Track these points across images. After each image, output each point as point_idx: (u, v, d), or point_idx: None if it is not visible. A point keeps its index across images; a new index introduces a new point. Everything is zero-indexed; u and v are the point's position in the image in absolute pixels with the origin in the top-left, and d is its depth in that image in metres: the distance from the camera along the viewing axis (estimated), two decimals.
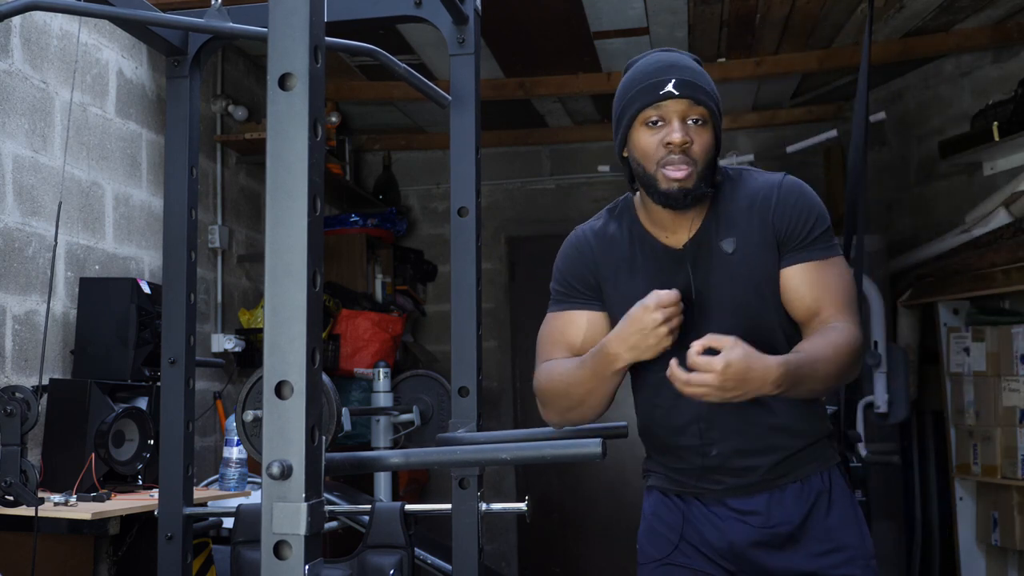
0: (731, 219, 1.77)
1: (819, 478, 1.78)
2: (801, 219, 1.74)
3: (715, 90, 1.76)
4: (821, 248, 1.74)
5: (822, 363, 1.62)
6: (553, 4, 3.75)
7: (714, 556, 1.80)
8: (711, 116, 1.71)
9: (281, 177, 0.84)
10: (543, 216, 5.62)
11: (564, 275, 1.90)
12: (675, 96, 1.68)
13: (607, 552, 5.39)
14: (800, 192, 1.77)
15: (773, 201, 1.75)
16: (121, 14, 1.54)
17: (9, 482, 1.76)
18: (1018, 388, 3.82)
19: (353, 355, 4.44)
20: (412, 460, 1.36)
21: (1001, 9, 3.90)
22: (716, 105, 1.73)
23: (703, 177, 1.70)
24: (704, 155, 1.70)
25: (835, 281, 1.74)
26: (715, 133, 1.73)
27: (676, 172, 1.67)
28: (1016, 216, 3.85)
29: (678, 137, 1.66)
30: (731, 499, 1.78)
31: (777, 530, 1.76)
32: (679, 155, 1.67)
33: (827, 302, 1.72)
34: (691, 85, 1.70)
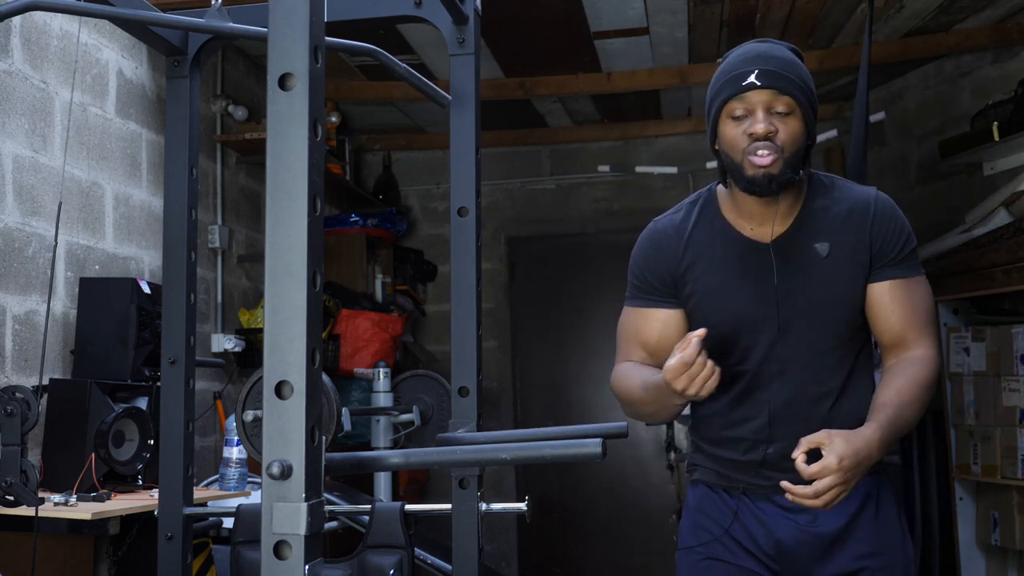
0: (826, 222, 1.78)
1: (868, 481, 1.79)
2: (895, 235, 1.78)
3: (806, 79, 1.74)
4: (910, 266, 1.78)
5: (909, 407, 1.68)
6: (553, 4, 3.75)
7: (760, 555, 1.80)
8: (798, 105, 1.70)
9: (281, 177, 0.84)
10: (543, 216, 5.62)
11: (642, 271, 1.90)
12: (757, 87, 1.69)
13: (607, 552, 5.39)
14: (895, 208, 1.82)
15: (871, 213, 1.78)
16: (121, 14, 1.54)
17: (9, 482, 1.76)
18: (1018, 388, 3.82)
19: (353, 355, 4.44)
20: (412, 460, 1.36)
21: (1001, 9, 3.90)
22: (806, 96, 1.72)
23: (790, 164, 1.70)
24: (791, 143, 1.70)
25: (920, 301, 1.78)
26: (805, 123, 1.72)
27: (761, 159, 1.68)
28: (1016, 216, 3.84)
29: (761, 128, 1.68)
30: (780, 496, 1.76)
31: (823, 530, 1.76)
32: (766, 142, 1.68)
33: (912, 324, 1.76)
34: (774, 75, 1.69)
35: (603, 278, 5.38)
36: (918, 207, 4.77)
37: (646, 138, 5.41)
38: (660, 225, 1.91)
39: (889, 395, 1.68)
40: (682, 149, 5.36)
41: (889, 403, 1.66)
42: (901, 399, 1.67)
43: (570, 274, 5.58)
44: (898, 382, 1.70)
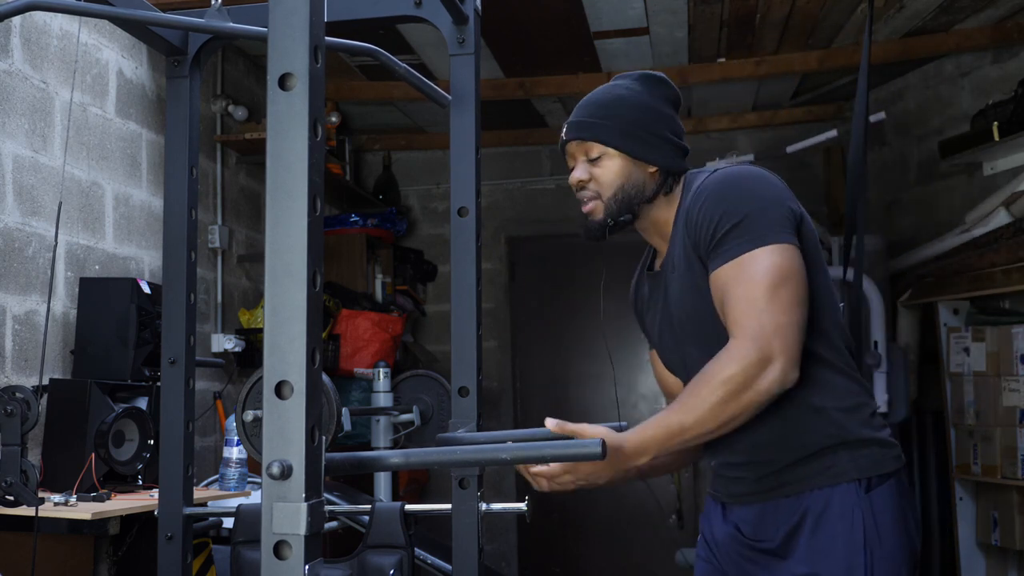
0: (676, 235, 1.76)
1: (814, 495, 1.66)
2: (705, 221, 1.64)
3: (621, 112, 1.74)
4: (728, 248, 1.60)
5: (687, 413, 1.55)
6: (553, 4, 3.75)
7: (717, 557, 1.85)
8: (608, 146, 1.74)
9: (281, 177, 0.84)
10: (543, 216, 5.62)
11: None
12: (565, 141, 1.80)
13: (607, 552, 5.39)
14: (712, 189, 1.66)
15: (687, 208, 1.72)
16: (121, 14, 1.54)
17: (9, 482, 1.76)
18: (1018, 388, 3.82)
19: (353, 355, 4.44)
20: (412, 460, 1.36)
21: (1001, 9, 3.90)
22: (616, 131, 1.73)
23: (614, 208, 1.74)
24: (608, 186, 1.74)
25: (737, 288, 1.58)
26: (625, 158, 1.73)
27: (584, 207, 1.78)
28: (1016, 216, 3.84)
29: (573, 178, 1.78)
30: (733, 505, 1.81)
31: (759, 544, 1.73)
32: (583, 191, 1.77)
33: (730, 316, 1.60)
34: (576, 125, 1.77)
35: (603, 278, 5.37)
36: (918, 207, 4.78)
37: None
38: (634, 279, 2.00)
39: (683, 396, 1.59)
40: None
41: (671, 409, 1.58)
42: (682, 404, 1.57)
43: (570, 274, 5.58)
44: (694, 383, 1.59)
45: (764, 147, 5.15)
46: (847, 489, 1.65)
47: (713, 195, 1.66)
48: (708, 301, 1.67)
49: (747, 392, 1.55)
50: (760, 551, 1.74)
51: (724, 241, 1.61)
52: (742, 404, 1.56)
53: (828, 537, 1.64)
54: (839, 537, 1.64)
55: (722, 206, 1.63)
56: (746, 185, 1.65)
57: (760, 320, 1.55)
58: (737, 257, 1.59)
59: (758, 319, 1.55)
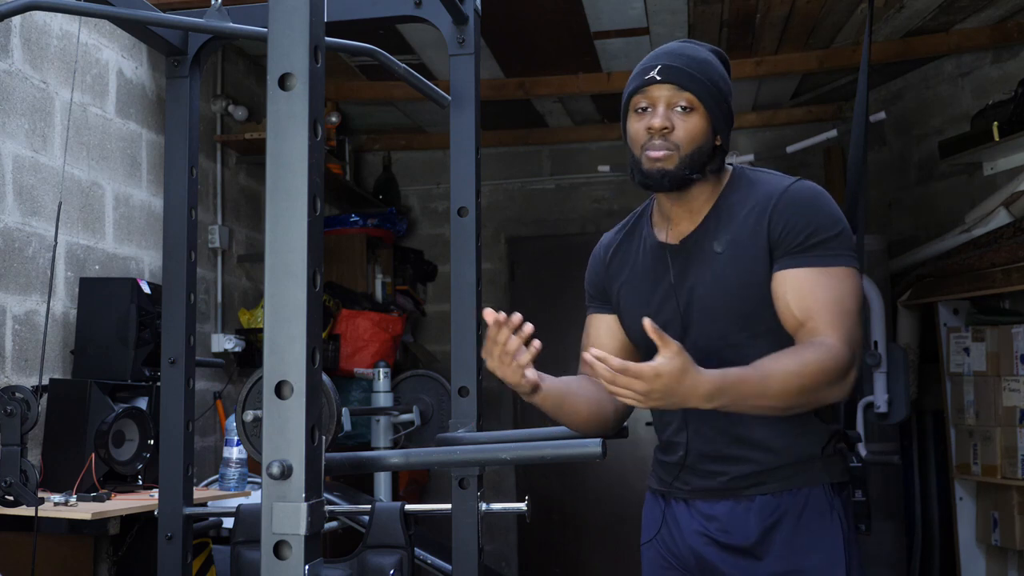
0: (730, 219, 1.73)
1: (793, 494, 1.69)
2: (799, 224, 1.66)
3: (716, 79, 1.71)
4: (819, 256, 1.64)
5: (776, 380, 1.53)
6: (553, 4, 3.75)
7: (678, 559, 1.80)
8: (701, 103, 1.68)
9: (281, 177, 0.85)
10: (543, 216, 5.62)
11: (586, 280, 1.97)
12: (657, 82, 1.69)
13: (607, 552, 5.39)
14: (806, 197, 1.69)
15: (772, 204, 1.69)
16: (121, 14, 1.54)
17: (9, 482, 1.76)
18: (1018, 388, 3.82)
19: (353, 355, 4.44)
20: (412, 460, 1.36)
21: (1001, 9, 3.90)
22: (710, 93, 1.69)
23: (687, 163, 1.68)
24: (689, 141, 1.68)
25: (828, 293, 1.62)
26: (709, 122, 1.70)
27: (655, 153, 1.68)
28: (1016, 216, 3.84)
29: (657, 122, 1.68)
30: (698, 501, 1.76)
31: (733, 542, 1.71)
32: (660, 139, 1.68)
33: (815, 313, 1.61)
34: (676, 71, 1.68)
35: None
36: (918, 207, 4.78)
37: None
38: (602, 238, 1.97)
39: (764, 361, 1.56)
40: None
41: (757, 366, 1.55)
42: (770, 368, 1.54)
43: (570, 274, 5.56)
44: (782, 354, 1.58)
45: (764, 147, 5.15)
46: (821, 491, 1.70)
47: (809, 201, 1.69)
48: (756, 293, 1.68)
49: (828, 389, 1.57)
50: (730, 550, 1.72)
51: (819, 247, 1.65)
52: (817, 397, 1.58)
53: (810, 535, 1.68)
54: (821, 535, 1.68)
55: (820, 215, 1.67)
56: (834, 205, 1.72)
57: (852, 331, 1.61)
58: (832, 266, 1.64)
59: (851, 330, 1.61)
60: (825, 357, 1.56)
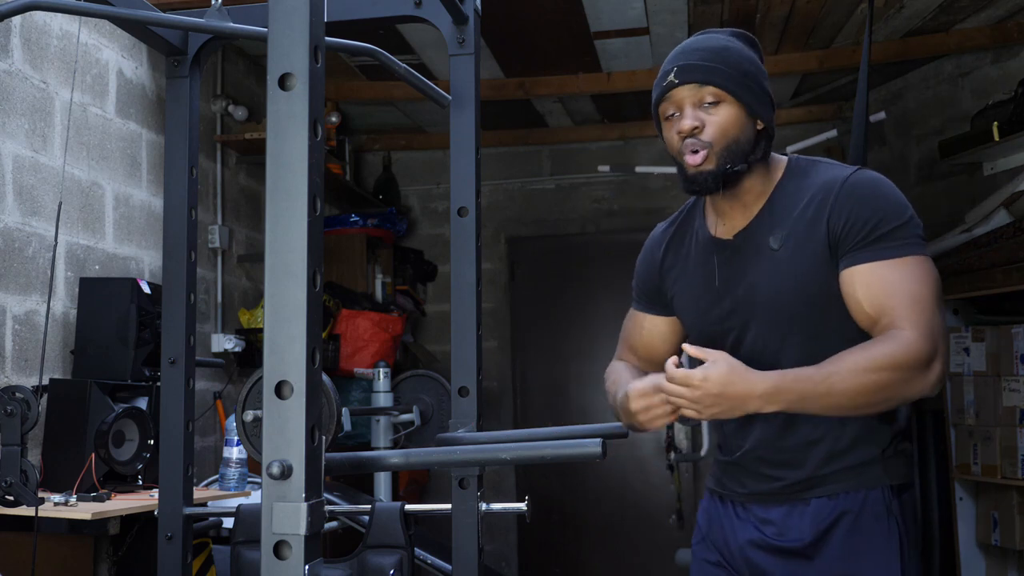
0: (785, 213, 1.67)
1: (850, 497, 1.65)
2: (862, 216, 1.59)
3: (740, 64, 1.66)
4: (887, 247, 1.58)
5: (843, 377, 1.49)
6: (553, 4, 3.75)
7: (729, 562, 1.78)
8: (728, 93, 1.64)
9: (281, 177, 0.85)
10: (543, 216, 5.62)
11: (636, 276, 1.94)
12: (676, 85, 1.66)
13: (607, 552, 5.39)
14: (867, 187, 1.63)
15: (832, 196, 1.62)
16: (121, 14, 1.54)
17: (9, 482, 1.76)
18: (1018, 388, 3.82)
19: (353, 355, 4.44)
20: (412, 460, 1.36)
21: (1001, 9, 3.90)
22: (736, 81, 1.64)
23: (726, 157, 1.64)
24: (722, 135, 1.63)
25: (901, 285, 1.55)
26: (742, 108, 1.64)
27: (692, 158, 1.65)
28: (1016, 216, 3.84)
29: (686, 124, 1.64)
30: (754, 505, 1.74)
31: (787, 544, 1.68)
32: (691, 140, 1.65)
33: (889, 306, 1.54)
34: (692, 68, 1.65)
35: (603, 278, 5.38)
36: (918, 207, 4.76)
37: (646, 138, 5.41)
38: (654, 231, 1.93)
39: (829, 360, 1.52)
40: None
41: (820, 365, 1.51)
42: (833, 366, 1.50)
43: (570, 274, 5.58)
44: (850, 351, 1.53)
45: None
46: (880, 493, 1.66)
47: (871, 192, 1.62)
48: (815, 290, 1.63)
49: (905, 384, 1.52)
50: (781, 551, 1.69)
51: (886, 238, 1.58)
52: (894, 393, 1.52)
53: (865, 538, 1.64)
54: (877, 538, 1.64)
55: (883, 205, 1.61)
56: (899, 193, 1.65)
57: (932, 320, 1.54)
58: (903, 256, 1.57)
59: (930, 319, 1.54)
60: (898, 350, 1.50)
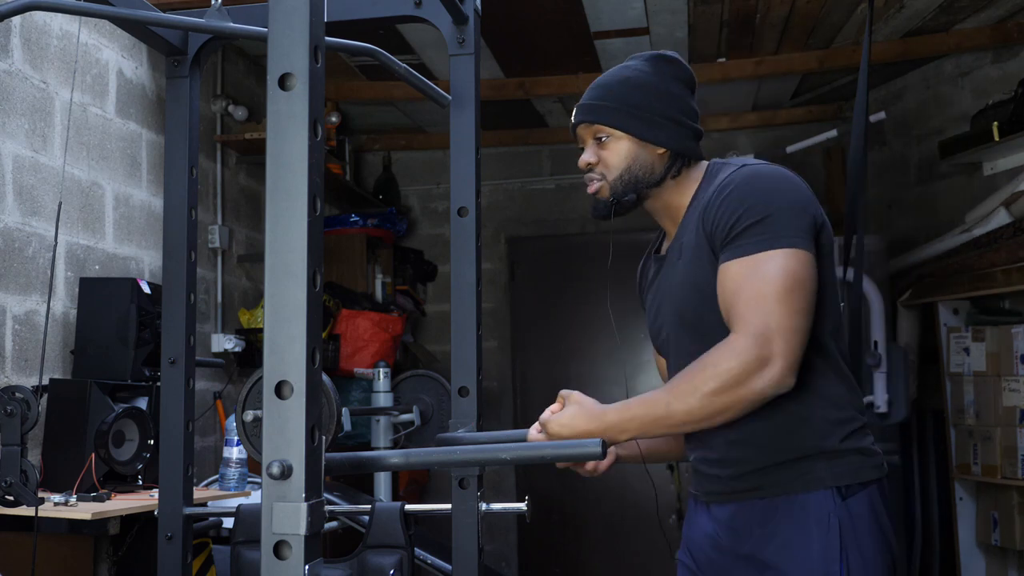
0: (689, 220, 1.74)
1: (788, 500, 1.63)
2: (726, 214, 1.60)
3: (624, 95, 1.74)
4: (743, 244, 1.57)
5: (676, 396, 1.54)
6: (553, 4, 3.75)
7: (696, 561, 1.81)
8: (614, 127, 1.75)
9: (281, 177, 0.84)
10: (543, 216, 5.62)
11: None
12: (576, 124, 1.81)
13: (607, 552, 5.39)
14: (739, 182, 1.62)
15: (710, 196, 1.66)
16: (121, 14, 1.54)
17: (9, 482, 1.76)
18: (1018, 388, 3.82)
19: (353, 355, 4.44)
20: (412, 460, 1.36)
21: (1001, 9, 3.90)
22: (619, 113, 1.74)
23: (620, 187, 1.76)
24: (613, 167, 1.76)
25: (744, 282, 1.55)
26: (630, 139, 1.74)
27: (590, 188, 1.80)
28: (1016, 216, 3.84)
29: (582, 160, 1.80)
30: (714, 505, 1.77)
31: (734, 548, 1.70)
32: (588, 172, 1.79)
33: (730, 310, 1.57)
34: (584, 109, 1.79)
35: (603, 278, 5.37)
36: (918, 207, 4.78)
37: None
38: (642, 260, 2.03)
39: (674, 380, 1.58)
40: None
41: (662, 390, 1.59)
42: (673, 388, 1.57)
43: (570, 274, 5.58)
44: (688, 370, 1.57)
45: (764, 147, 5.15)
46: (823, 496, 1.61)
47: (738, 188, 1.62)
48: (708, 294, 1.63)
49: (741, 388, 1.51)
50: (737, 557, 1.70)
51: (742, 236, 1.58)
52: (733, 399, 1.52)
53: (803, 544, 1.61)
54: (815, 544, 1.60)
55: (747, 201, 1.60)
56: (774, 185, 1.63)
57: (766, 320, 1.52)
58: (753, 254, 1.56)
59: (764, 318, 1.52)
60: (723, 360, 1.52)
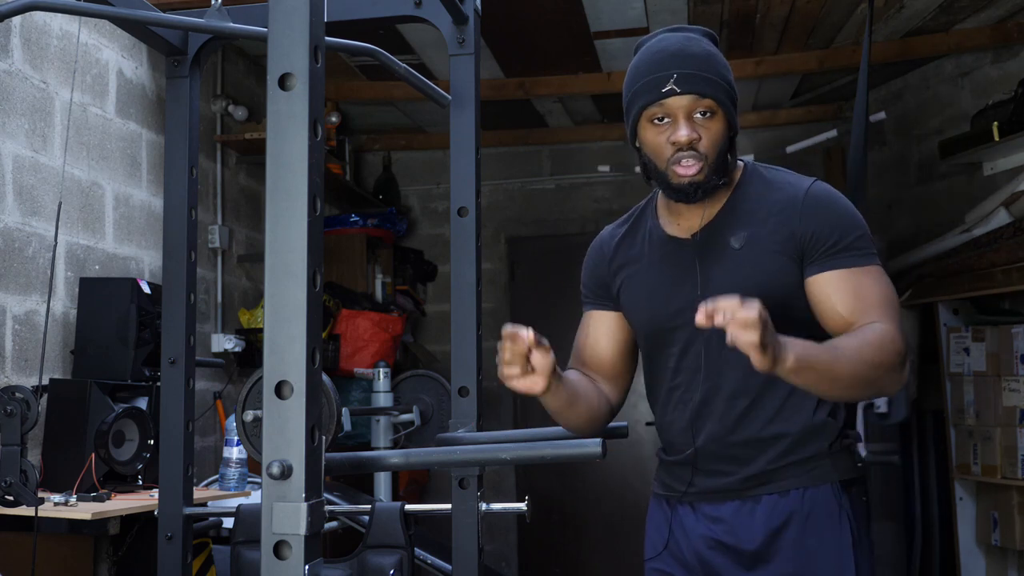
0: (747, 215, 1.70)
1: (800, 494, 1.66)
2: (829, 225, 1.65)
3: (725, 74, 1.68)
4: (854, 256, 1.64)
5: (846, 358, 1.50)
6: (553, 4, 3.75)
7: (687, 567, 1.76)
8: (720, 105, 1.65)
9: (281, 177, 0.85)
10: (543, 216, 5.62)
11: (583, 276, 1.92)
12: (677, 93, 1.63)
13: (607, 552, 5.39)
14: (831, 199, 1.69)
15: (799, 205, 1.67)
16: (121, 14, 1.54)
17: (9, 482, 1.76)
18: (1018, 388, 3.82)
19: (353, 355, 4.44)
20: (412, 460, 1.36)
21: (1001, 9, 3.90)
22: (726, 92, 1.66)
23: (715, 169, 1.66)
24: (714, 147, 1.65)
25: (872, 289, 1.62)
26: (727, 120, 1.67)
27: (687, 169, 1.64)
28: (1016, 216, 3.84)
29: (684, 136, 1.62)
30: (705, 504, 1.73)
31: (740, 545, 1.68)
32: (688, 151, 1.64)
33: (863, 309, 1.60)
34: (694, 79, 1.63)
35: None
36: (918, 207, 4.78)
37: None
38: (602, 232, 1.93)
39: (832, 344, 1.54)
40: None
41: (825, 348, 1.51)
42: (839, 345, 1.52)
43: (570, 274, 5.54)
44: (845, 336, 1.56)
45: (764, 147, 5.15)
46: (829, 490, 1.67)
47: (835, 202, 1.69)
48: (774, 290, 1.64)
49: (890, 374, 1.55)
50: (733, 552, 1.68)
51: (848, 250, 1.64)
52: (882, 385, 1.57)
53: (817, 536, 1.65)
54: (828, 537, 1.65)
55: (847, 216, 1.68)
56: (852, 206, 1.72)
57: (898, 323, 1.61)
58: (869, 265, 1.64)
59: (899, 324, 1.61)
60: (887, 337, 1.55)
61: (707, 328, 1.47)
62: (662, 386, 1.78)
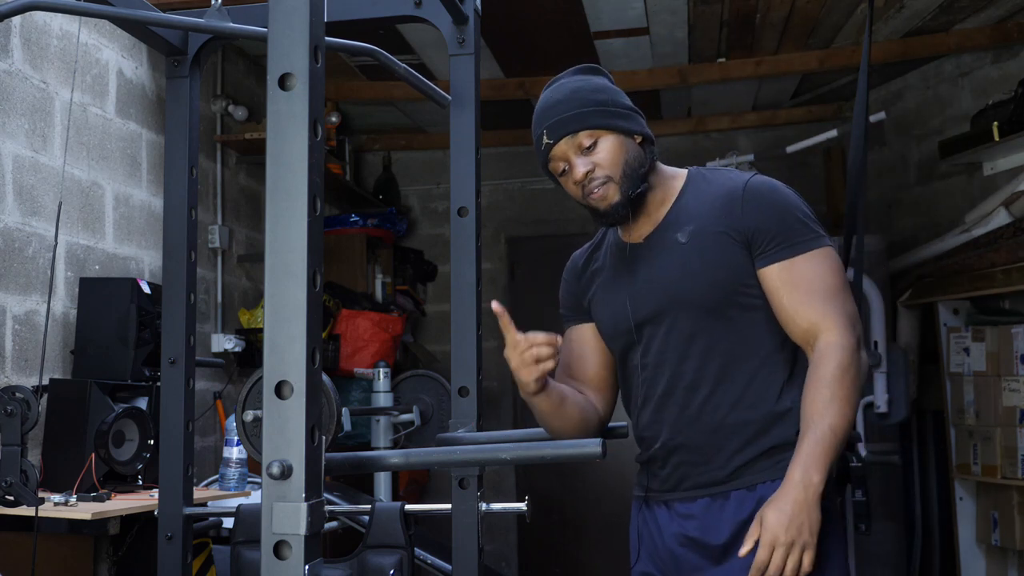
0: (691, 213, 1.77)
1: (767, 487, 1.67)
2: (767, 217, 1.71)
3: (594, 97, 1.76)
4: (795, 245, 1.69)
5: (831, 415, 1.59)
6: (553, 4, 3.75)
7: (661, 565, 1.78)
8: (598, 129, 1.73)
9: (281, 177, 0.85)
10: (543, 216, 5.62)
11: (560, 296, 2.01)
12: (553, 144, 1.75)
13: (607, 552, 5.39)
14: (768, 188, 1.75)
15: (739, 200, 1.73)
16: (121, 14, 1.54)
17: (9, 482, 1.76)
18: (1018, 388, 3.82)
19: (353, 355, 4.44)
20: (412, 460, 1.36)
21: (1001, 9, 3.90)
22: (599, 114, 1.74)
23: (627, 182, 1.73)
24: (614, 164, 1.73)
25: (808, 276, 1.68)
26: (615, 133, 1.74)
27: (600, 198, 1.74)
28: (1016, 216, 3.84)
29: (580, 173, 1.73)
30: (677, 503, 1.76)
31: (708, 541, 1.70)
32: (592, 181, 1.73)
33: (808, 309, 1.66)
34: (559, 124, 1.74)
35: None
36: (918, 207, 4.78)
37: None
38: (574, 255, 2.03)
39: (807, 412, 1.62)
40: (682, 149, 5.36)
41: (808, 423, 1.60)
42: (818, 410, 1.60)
43: None
44: (811, 392, 1.63)
45: (764, 147, 5.15)
46: None
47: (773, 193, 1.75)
48: (721, 278, 1.72)
49: (857, 379, 1.64)
50: (704, 548, 1.71)
51: (791, 237, 1.70)
52: (858, 386, 1.64)
53: None
54: None
55: (786, 204, 1.73)
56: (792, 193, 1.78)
57: (846, 309, 1.68)
58: (809, 251, 1.70)
59: (843, 309, 1.68)
60: (839, 360, 1.62)
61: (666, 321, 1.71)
62: (631, 387, 1.85)
